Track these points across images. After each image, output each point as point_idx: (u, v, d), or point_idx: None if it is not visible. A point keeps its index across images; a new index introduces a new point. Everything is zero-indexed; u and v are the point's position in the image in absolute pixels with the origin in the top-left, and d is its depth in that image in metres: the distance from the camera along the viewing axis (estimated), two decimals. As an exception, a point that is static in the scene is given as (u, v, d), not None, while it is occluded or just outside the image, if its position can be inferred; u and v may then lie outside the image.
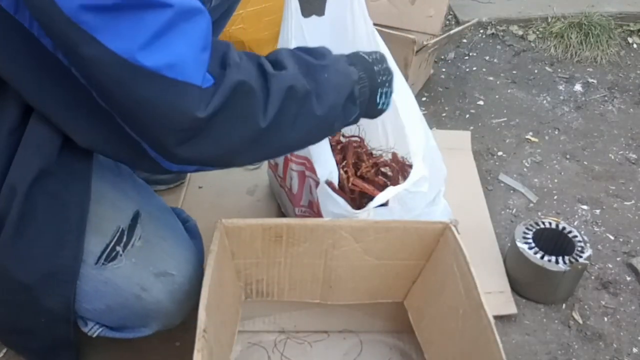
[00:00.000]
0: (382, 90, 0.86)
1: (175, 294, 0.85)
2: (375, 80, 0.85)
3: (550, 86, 1.73)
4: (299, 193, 1.09)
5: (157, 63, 0.64)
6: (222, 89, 0.69)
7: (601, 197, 1.37)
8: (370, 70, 0.85)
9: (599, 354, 1.06)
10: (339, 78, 0.81)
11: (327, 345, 1.02)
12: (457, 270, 0.84)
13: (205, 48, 0.69)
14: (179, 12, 0.64)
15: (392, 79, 0.89)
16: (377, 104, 0.87)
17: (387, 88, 0.88)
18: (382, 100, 0.87)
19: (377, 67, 0.86)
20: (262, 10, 1.60)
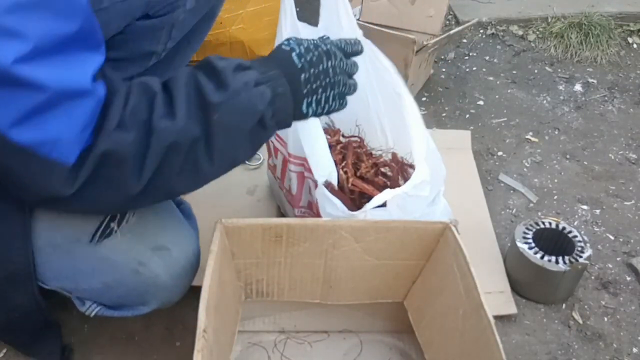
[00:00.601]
0: (309, 99, 0.80)
1: (172, 269, 0.85)
2: (299, 92, 0.79)
3: (550, 86, 1.73)
4: (298, 194, 1.09)
5: (28, 140, 0.64)
6: (89, 161, 0.68)
7: (601, 197, 1.37)
8: (294, 81, 0.78)
9: (599, 354, 1.06)
10: (235, 116, 0.75)
11: (327, 345, 1.02)
12: (457, 270, 0.84)
13: (86, 127, 0.67)
14: (57, 94, 0.64)
15: (332, 81, 0.81)
16: (305, 113, 0.81)
17: (318, 95, 0.81)
18: (312, 108, 0.81)
19: (306, 74, 0.79)
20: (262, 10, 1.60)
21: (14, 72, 0.61)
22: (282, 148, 1.10)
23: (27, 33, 0.61)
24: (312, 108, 0.81)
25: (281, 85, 0.77)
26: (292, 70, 0.78)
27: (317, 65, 0.79)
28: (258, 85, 0.76)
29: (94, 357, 1.01)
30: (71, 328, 1.05)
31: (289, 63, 0.79)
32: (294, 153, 1.05)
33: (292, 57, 0.79)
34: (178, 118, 0.71)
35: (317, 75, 0.80)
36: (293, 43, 0.80)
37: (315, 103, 0.80)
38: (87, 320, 1.06)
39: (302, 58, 0.79)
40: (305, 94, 0.79)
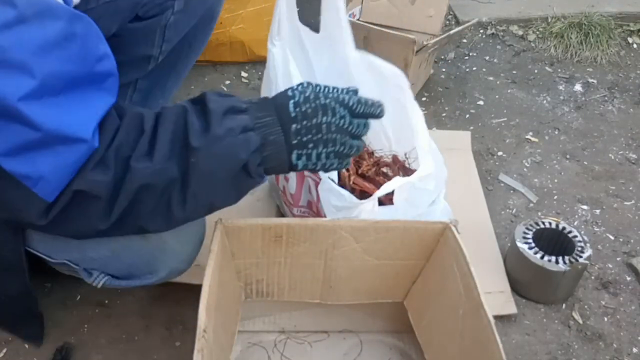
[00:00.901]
0: (299, 151, 0.75)
1: (180, 235, 0.84)
2: (289, 142, 0.75)
3: (550, 86, 1.73)
4: (297, 193, 1.09)
5: (15, 170, 0.66)
6: (63, 197, 0.69)
7: (601, 197, 1.37)
8: (287, 130, 0.75)
9: (599, 354, 1.06)
10: (213, 162, 0.72)
11: (327, 345, 1.02)
12: (457, 270, 0.84)
13: (73, 172, 0.68)
14: (51, 136, 0.65)
15: (325, 138, 0.76)
16: (295, 165, 0.77)
17: (308, 149, 0.76)
18: (302, 161, 0.76)
19: (298, 124, 0.75)
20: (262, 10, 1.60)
21: (16, 106, 0.62)
22: None
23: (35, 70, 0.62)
24: (303, 161, 0.77)
25: (274, 134, 0.74)
26: (286, 119, 0.75)
27: (311, 119, 0.75)
28: (246, 131, 0.73)
29: (94, 357, 1.01)
30: (71, 328, 1.05)
31: (284, 110, 0.75)
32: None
33: (289, 104, 0.76)
34: (156, 159, 0.71)
35: (309, 129, 0.75)
36: (298, 89, 0.77)
37: (305, 157, 0.76)
38: (87, 320, 1.07)
39: (298, 107, 0.75)
40: (294, 145, 0.75)
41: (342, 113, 0.77)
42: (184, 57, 1.14)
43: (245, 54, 1.66)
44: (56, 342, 1.03)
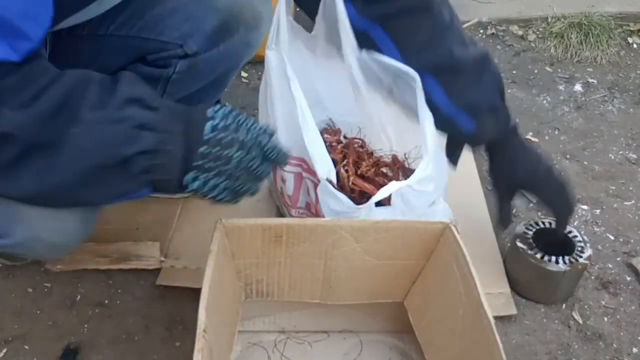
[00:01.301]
0: (198, 174, 0.71)
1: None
2: (189, 160, 0.71)
3: (550, 86, 1.73)
4: (295, 195, 1.08)
5: None
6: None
7: (601, 197, 1.37)
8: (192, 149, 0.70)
9: (599, 354, 1.06)
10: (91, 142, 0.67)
11: (327, 345, 1.02)
12: (457, 270, 0.84)
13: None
14: None
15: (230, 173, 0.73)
16: (185, 185, 0.73)
17: (209, 176, 0.72)
18: (196, 185, 0.73)
19: (209, 149, 0.71)
20: (262, 10, 1.60)
21: None
22: None
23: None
24: (197, 185, 0.73)
25: (174, 145, 0.70)
26: (196, 137, 0.71)
27: (224, 148, 0.72)
28: (144, 129, 0.69)
29: (94, 357, 1.01)
30: (71, 328, 1.05)
31: (198, 128, 0.72)
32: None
33: (207, 125, 0.72)
34: (30, 113, 0.65)
35: (219, 157, 0.72)
36: (220, 112, 0.74)
37: (202, 182, 0.73)
38: (87, 320, 1.07)
39: (215, 132, 0.72)
40: (195, 166, 0.72)
41: (256, 154, 0.75)
42: None
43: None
44: (56, 342, 1.03)
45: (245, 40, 1.04)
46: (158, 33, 0.98)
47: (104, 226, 1.20)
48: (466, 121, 0.98)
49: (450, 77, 0.95)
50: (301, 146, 1.00)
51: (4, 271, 1.14)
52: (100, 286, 1.12)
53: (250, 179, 0.77)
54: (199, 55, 0.99)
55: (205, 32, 0.98)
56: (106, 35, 0.99)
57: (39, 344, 1.03)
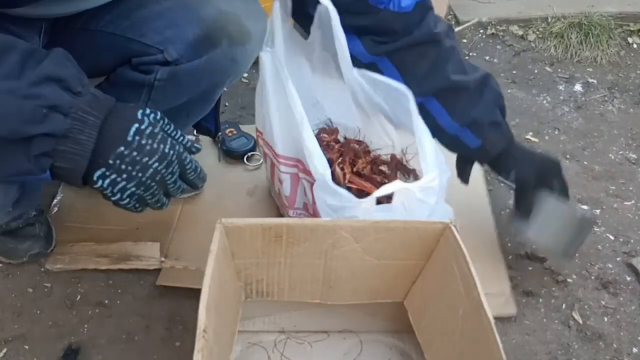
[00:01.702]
0: (108, 173, 0.68)
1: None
2: (104, 157, 0.67)
3: (550, 86, 1.73)
4: (292, 196, 1.08)
5: None
6: None
7: (601, 197, 1.37)
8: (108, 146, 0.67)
9: (599, 354, 1.06)
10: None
11: (327, 345, 1.02)
12: (457, 270, 0.84)
13: None
14: None
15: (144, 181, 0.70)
16: (93, 181, 0.69)
17: (120, 178, 0.69)
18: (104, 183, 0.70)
19: (127, 150, 0.68)
20: (262, 10, 1.60)
21: None
22: (268, 151, 1.10)
23: None
24: (104, 184, 0.70)
25: (86, 136, 0.67)
26: (117, 134, 0.68)
27: (144, 155, 0.70)
28: (54, 110, 0.65)
29: (94, 357, 1.01)
30: (71, 328, 1.05)
31: (122, 127, 0.69)
32: (284, 154, 1.04)
33: (132, 126, 0.69)
34: None
35: (135, 163, 0.69)
36: (150, 119, 0.71)
37: (110, 182, 0.70)
38: (87, 320, 1.07)
39: (138, 136, 0.69)
40: (108, 165, 0.68)
41: (174, 170, 0.73)
42: (181, 123, 1.13)
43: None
44: (56, 342, 1.03)
45: (229, 55, 1.01)
46: (141, 35, 0.97)
47: (104, 226, 1.20)
48: (471, 138, 1.04)
49: (452, 98, 1.01)
50: (297, 147, 1.00)
51: (4, 271, 1.14)
52: (100, 286, 1.12)
53: (160, 194, 0.75)
54: (180, 64, 0.97)
55: (187, 40, 0.96)
56: (96, 30, 0.99)
57: (39, 344, 1.03)
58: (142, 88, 1.00)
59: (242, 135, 1.39)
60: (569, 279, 1.18)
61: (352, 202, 0.91)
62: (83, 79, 0.70)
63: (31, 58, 0.67)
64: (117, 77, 1.02)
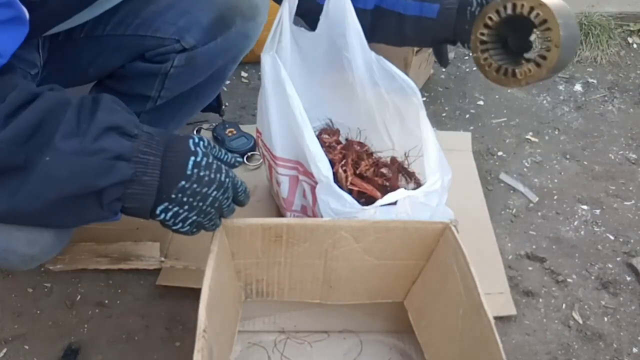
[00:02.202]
0: (171, 206, 0.71)
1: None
2: (167, 193, 0.70)
3: (550, 86, 1.73)
4: (290, 198, 1.08)
5: None
6: None
7: (601, 197, 1.37)
8: (170, 182, 0.69)
9: (599, 354, 1.06)
10: (64, 172, 0.65)
11: (327, 345, 1.02)
12: (457, 270, 0.84)
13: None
14: None
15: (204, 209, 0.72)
16: (156, 214, 0.72)
17: (182, 210, 0.72)
18: (166, 216, 0.72)
19: (188, 184, 0.70)
20: (262, 10, 1.60)
21: None
22: (267, 153, 1.10)
23: None
24: (167, 216, 0.72)
25: (150, 176, 0.69)
26: (177, 170, 0.70)
27: (203, 186, 0.72)
28: (120, 159, 0.67)
29: (94, 357, 1.01)
30: (71, 328, 1.05)
31: (180, 162, 0.71)
32: (283, 156, 1.04)
33: (189, 161, 0.71)
34: (3, 136, 0.63)
35: (196, 194, 0.72)
36: (202, 148, 0.73)
37: (172, 214, 0.72)
38: (87, 320, 1.07)
39: (197, 169, 0.71)
40: (171, 199, 0.71)
41: (229, 194, 0.76)
42: (189, 106, 1.15)
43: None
44: (56, 342, 1.03)
45: (242, 32, 1.04)
46: (154, 30, 0.99)
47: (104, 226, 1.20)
48: (429, 7, 0.99)
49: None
50: (297, 149, 1.00)
51: (4, 271, 1.14)
52: (100, 286, 1.12)
53: (217, 217, 0.77)
54: (196, 49, 1.00)
55: (202, 25, 0.99)
56: (103, 36, 1.00)
57: (39, 344, 1.03)
58: (155, 78, 1.01)
59: (242, 135, 1.39)
60: (569, 279, 1.18)
61: (355, 208, 0.92)
62: (135, 119, 0.71)
63: (83, 110, 0.68)
64: (126, 72, 1.02)
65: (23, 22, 0.65)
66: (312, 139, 0.95)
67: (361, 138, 1.15)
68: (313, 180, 0.97)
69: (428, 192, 0.92)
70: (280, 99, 0.99)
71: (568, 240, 1.26)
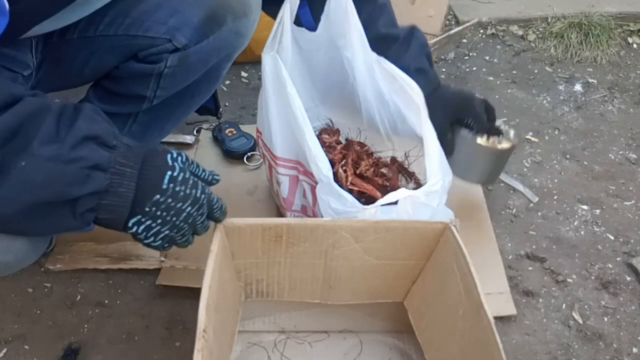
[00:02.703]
0: (143, 219, 0.70)
1: None
2: (141, 206, 0.69)
3: (550, 86, 1.73)
4: (289, 198, 1.08)
5: None
6: None
7: (601, 197, 1.37)
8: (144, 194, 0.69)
9: (599, 354, 1.06)
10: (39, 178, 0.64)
11: (327, 345, 1.02)
12: (457, 270, 0.84)
13: None
14: None
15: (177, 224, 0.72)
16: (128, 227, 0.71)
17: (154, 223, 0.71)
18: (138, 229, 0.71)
19: (163, 198, 0.69)
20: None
21: None
22: (267, 153, 1.10)
23: None
24: (138, 229, 0.72)
25: (125, 187, 0.69)
26: (153, 183, 0.70)
27: (178, 201, 0.71)
28: (95, 169, 0.67)
29: (94, 357, 1.01)
30: (71, 328, 1.05)
31: (156, 176, 0.70)
32: (283, 156, 1.04)
33: (166, 175, 0.71)
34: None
35: (170, 209, 0.71)
36: (179, 163, 0.73)
37: (145, 227, 0.72)
38: (87, 320, 1.07)
39: (172, 183, 0.71)
40: (144, 213, 0.70)
41: (203, 211, 0.75)
42: (185, 105, 1.15)
43: (245, 54, 1.65)
44: (56, 342, 1.03)
45: (234, 30, 1.04)
46: (145, 30, 0.99)
47: (104, 226, 1.20)
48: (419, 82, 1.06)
49: (383, 48, 1.06)
50: (297, 149, 1.00)
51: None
52: (100, 286, 1.12)
53: (190, 233, 0.77)
54: (189, 48, 1.00)
55: (193, 24, 0.99)
56: (95, 36, 0.99)
57: (39, 344, 1.03)
58: (149, 78, 1.01)
59: (242, 135, 1.39)
60: (569, 279, 1.18)
61: (356, 208, 0.92)
62: (115, 130, 0.71)
63: (63, 118, 0.68)
64: (121, 73, 1.02)
65: (3, 13, 0.64)
66: (313, 138, 0.95)
67: (361, 138, 1.15)
68: (313, 180, 0.97)
69: (429, 192, 0.92)
70: (281, 99, 0.99)
71: (568, 240, 1.26)
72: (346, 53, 1.05)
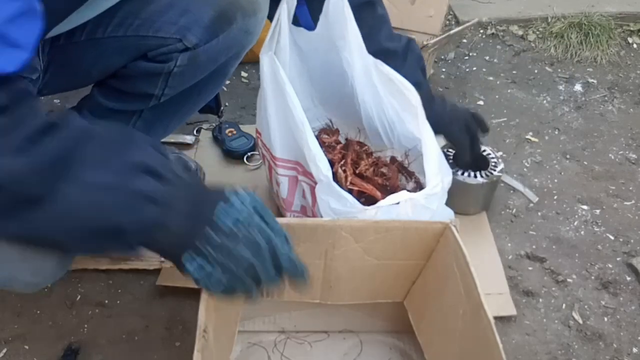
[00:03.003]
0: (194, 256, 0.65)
1: None
2: (191, 240, 0.64)
3: (550, 86, 1.73)
4: (289, 198, 1.08)
5: None
6: None
7: (601, 197, 1.37)
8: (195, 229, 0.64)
9: (599, 354, 1.06)
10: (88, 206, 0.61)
11: (327, 345, 1.02)
12: (457, 270, 0.84)
13: None
14: None
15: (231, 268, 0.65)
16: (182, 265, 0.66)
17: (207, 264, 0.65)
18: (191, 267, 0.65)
19: (215, 234, 0.64)
20: (262, 10, 1.60)
21: None
22: (266, 153, 1.10)
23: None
24: (191, 267, 0.65)
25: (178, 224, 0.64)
26: (205, 216, 0.65)
27: (235, 243, 0.65)
28: (147, 200, 0.62)
29: (94, 357, 1.01)
30: (71, 328, 1.05)
31: (210, 209, 0.65)
32: (282, 157, 1.04)
33: (220, 208, 0.65)
34: (22, 163, 0.58)
35: (222, 248, 0.64)
36: (240, 198, 0.68)
37: (197, 267, 0.65)
38: (87, 320, 1.07)
39: (229, 220, 0.65)
40: (193, 248, 0.65)
41: (268, 267, 0.67)
42: (191, 102, 1.16)
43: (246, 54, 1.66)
44: (56, 342, 1.03)
45: (244, 28, 1.04)
46: (155, 30, 0.99)
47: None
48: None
49: (384, 60, 1.05)
50: (296, 149, 1.00)
51: (4, 271, 1.14)
52: (100, 286, 1.12)
53: (254, 287, 0.68)
54: (199, 47, 1.00)
55: (204, 23, 0.99)
56: (104, 37, 1.00)
57: (39, 344, 1.03)
58: (158, 77, 1.01)
59: (242, 135, 1.39)
60: (569, 279, 1.18)
61: (356, 208, 0.91)
62: (169, 163, 0.67)
63: (114, 144, 0.65)
64: (129, 71, 1.02)
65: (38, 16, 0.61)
66: (312, 139, 0.95)
67: (361, 138, 1.15)
68: (312, 181, 0.97)
69: (429, 195, 0.93)
70: (280, 100, 0.99)
71: (568, 240, 1.26)
72: (345, 53, 1.05)
